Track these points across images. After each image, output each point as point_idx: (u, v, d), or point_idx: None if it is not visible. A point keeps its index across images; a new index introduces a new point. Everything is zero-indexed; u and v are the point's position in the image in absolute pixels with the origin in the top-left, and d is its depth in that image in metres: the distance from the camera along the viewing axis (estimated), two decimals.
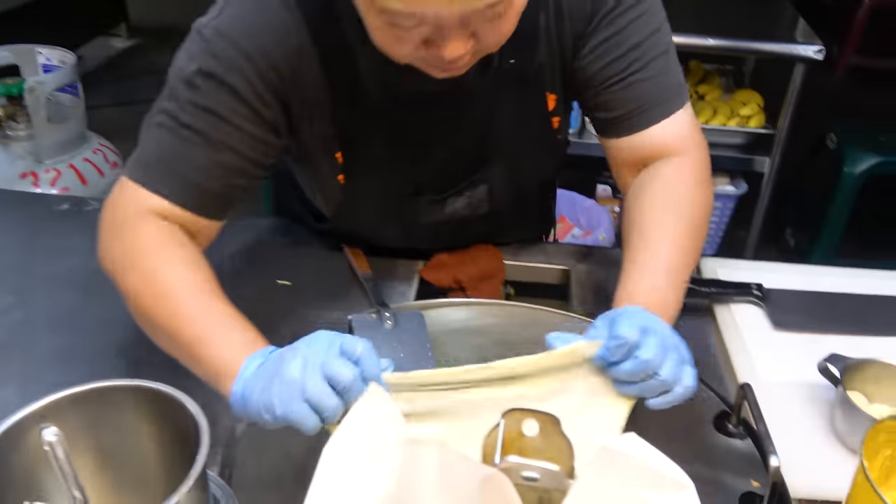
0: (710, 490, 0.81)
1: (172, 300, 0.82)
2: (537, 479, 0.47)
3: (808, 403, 0.95)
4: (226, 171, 0.89)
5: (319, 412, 0.66)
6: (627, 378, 0.75)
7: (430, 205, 1.09)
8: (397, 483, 0.48)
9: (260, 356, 0.76)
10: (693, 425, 0.90)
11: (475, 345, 1.00)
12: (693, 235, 0.92)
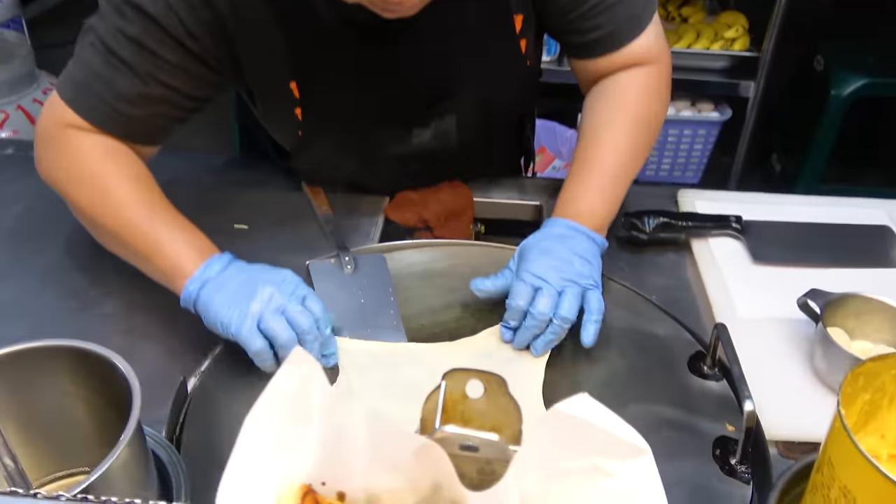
0: (683, 436, 0.78)
1: (126, 214, 0.86)
2: (477, 450, 0.43)
3: (787, 341, 0.91)
4: (152, 102, 0.88)
5: (273, 340, 0.79)
6: (534, 332, 0.85)
7: (395, 137, 1.04)
8: (324, 452, 0.44)
9: (219, 261, 0.84)
10: (667, 367, 0.86)
11: (440, 287, 0.96)
12: (637, 141, 0.98)
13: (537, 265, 0.87)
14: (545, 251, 0.88)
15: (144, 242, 0.86)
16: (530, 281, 0.86)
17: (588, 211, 0.94)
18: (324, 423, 0.44)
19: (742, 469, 0.75)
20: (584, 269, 0.88)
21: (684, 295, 1.00)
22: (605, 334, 0.90)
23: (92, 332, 0.89)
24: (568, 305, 0.84)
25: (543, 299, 0.85)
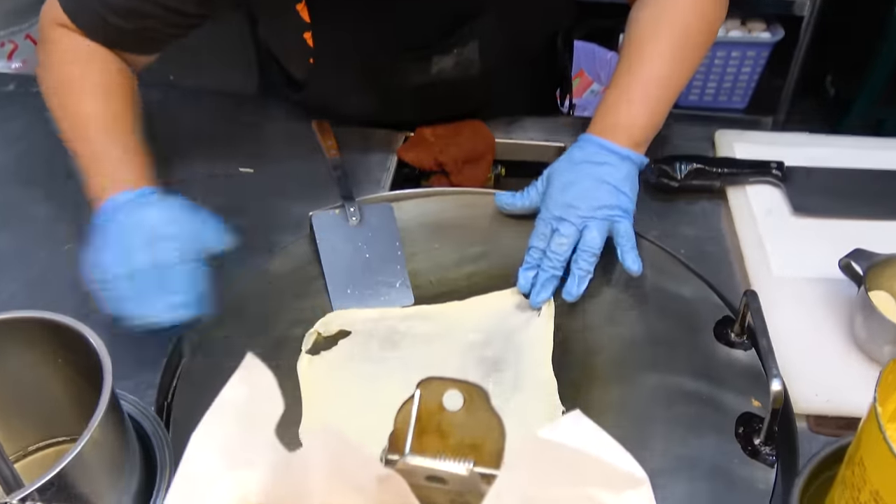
0: (705, 411, 0.73)
1: (82, 129, 0.83)
2: (446, 482, 0.38)
3: (825, 304, 0.84)
4: (142, 16, 0.85)
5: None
6: (551, 273, 0.81)
7: (413, 64, 0.97)
8: (278, 471, 0.39)
9: (125, 198, 0.77)
10: (691, 332, 0.80)
11: (451, 241, 0.90)
12: (685, 53, 0.90)
13: (559, 199, 0.83)
14: (569, 183, 0.84)
15: (84, 157, 0.82)
16: (549, 219, 0.83)
17: (626, 124, 0.87)
18: (277, 440, 0.39)
19: (766, 450, 0.69)
20: (612, 199, 0.82)
21: (716, 249, 0.92)
22: (625, 295, 0.84)
23: None
24: (589, 238, 0.81)
25: (559, 238, 0.81)
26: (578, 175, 0.84)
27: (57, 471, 0.54)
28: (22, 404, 0.67)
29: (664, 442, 0.71)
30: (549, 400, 0.74)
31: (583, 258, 0.81)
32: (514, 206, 0.90)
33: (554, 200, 0.84)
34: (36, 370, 0.66)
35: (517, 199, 0.90)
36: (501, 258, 0.88)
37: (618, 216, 0.83)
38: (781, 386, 0.66)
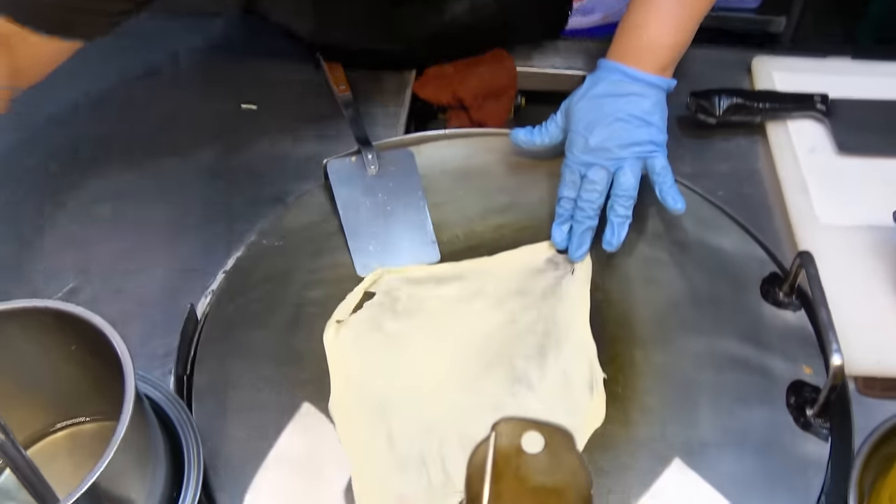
0: (753, 379, 0.69)
1: None
2: None
3: (875, 256, 0.79)
4: None
5: None
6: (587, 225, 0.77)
7: (424, 12, 0.88)
8: None
9: None
10: (736, 291, 0.75)
11: (476, 190, 0.84)
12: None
13: (584, 142, 0.77)
14: (593, 122, 0.77)
15: None
16: (576, 165, 0.77)
17: (651, 46, 0.79)
18: None
19: (820, 423, 0.66)
20: (643, 135, 0.77)
21: (754, 191, 0.87)
22: (663, 250, 0.79)
23: (88, 254, 0.80)
24: (623, 181, 0.76)
25: (590, 185, 0.76)
26: (602, 112, 0.77)
27: (88, 485, 0.50)
28: (36, 388, 0.63)
29: (711, 413, 0.68)
30: (588, 364, 0.71)
31: (619, 203, 0.76)
32: (532, 143, 0.83)
33: (578, 143, 0.78)
34: (49, 356, 0.61)
35: (535, 135, 0.83)
36: (529, 208, 0.82)
37: (651, 152, 0.77)
38: (842, 360, 0.63)
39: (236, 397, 0.69)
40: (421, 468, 0.64)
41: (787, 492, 0.63)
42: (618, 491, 0.64)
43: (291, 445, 0.65)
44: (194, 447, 0.62)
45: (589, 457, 0.65)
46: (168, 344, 0.73)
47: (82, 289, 0.78)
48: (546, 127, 0.82)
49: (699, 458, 0.65)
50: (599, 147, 0.77)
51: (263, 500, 0.59)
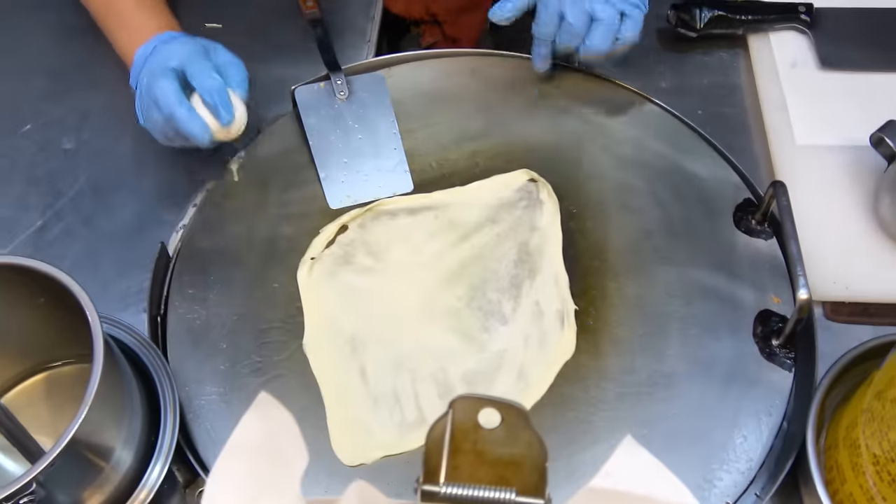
0: (723, 309, 0.70)
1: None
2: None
3: (851, 178, 0.79)
4: None
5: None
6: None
7: None
8: None
9: (154, 42, 0.73)
10: (709, 219, 0.75)
11: (450, 114, 0.82)
12: None
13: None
14: None
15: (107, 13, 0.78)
16: (553, 4, 0.74)
17: None
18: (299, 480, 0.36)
19: (784, 353, 0.68)
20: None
21: (734, 110, 0.86)
22: (638, 176, 0.78)
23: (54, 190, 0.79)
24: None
25: (573, 9, 0.73)
26: None
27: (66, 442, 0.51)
28: (7, 340, 0.64)
29: (680, 344, 0.69)
30: (560, 296, 0.71)
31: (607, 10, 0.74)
32: (509, 15, 0.77)
33: None
34: (17, 309, 0.61)
35: (511, 4, 0.77)
36: (504, 133, 0.81)
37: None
38: (808, 294, 0.63)
39: (211, 338, 0.69)
40: (394, 405, 0.66)
41: (751, 420, 0.65)
42: (586, 421, 0.66)
43: (267, 385, 0.67)
44: (170, 392, 0.63)
45: (558, 388, 0.67)
46: (140, 283, 0.73)
47: (51, 226, 0.77)
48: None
49: (666, 389, 0.67)
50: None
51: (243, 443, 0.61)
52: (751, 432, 0.65)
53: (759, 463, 0.64)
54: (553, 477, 0.38)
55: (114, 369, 0.57)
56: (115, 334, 0.65)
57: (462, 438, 0.39)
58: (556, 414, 0.66)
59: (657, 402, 0.66)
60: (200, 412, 0.66)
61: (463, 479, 0.38)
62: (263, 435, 0.36)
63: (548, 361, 0.68)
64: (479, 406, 0.38)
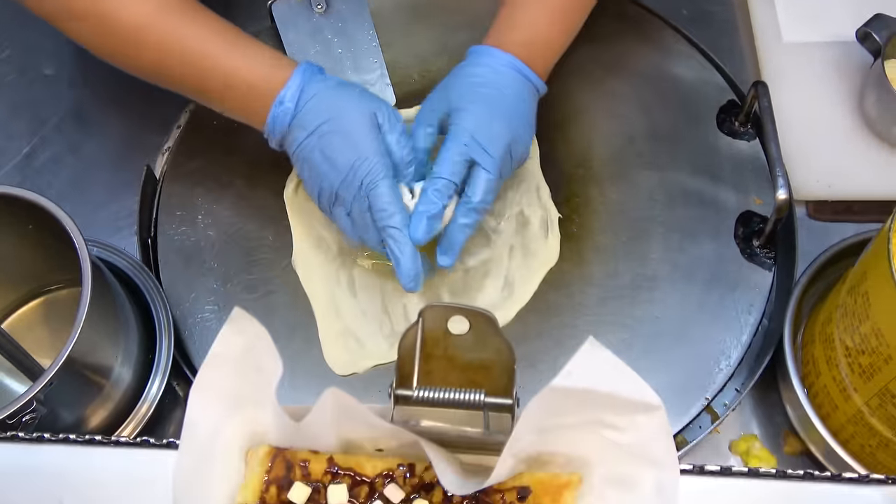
0: (706, 212, 0.71)
1: (151, 42, 0.63)
2: None
3: (837, 75, 0.78)
4: None
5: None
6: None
7: None
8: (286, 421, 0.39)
9: (310, 69, 0.64)
10: (693, 122, 0.75)
11: (429, 26, 0.81)
12: None
13: (480, 123, 0.62)
14: (487, 102, 0.63)
15: (202, 71, 0.64)
16: (467, 149, 0.62)
17: (539, 40, 0.67)
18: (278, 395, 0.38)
19: (765, 253, 0.69)
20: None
21: (719, 9, 0.84)
22: (623, 81, 0.77)
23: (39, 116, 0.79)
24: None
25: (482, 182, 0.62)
26: (492, 98, 0.65)
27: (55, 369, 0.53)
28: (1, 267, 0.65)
29: (662, 248, 0.70)
30: (543, 205, 0.72)
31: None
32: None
33: (470, 121, 0.63)
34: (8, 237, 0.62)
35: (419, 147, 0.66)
36: None
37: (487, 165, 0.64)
38: (787, 195, 0.64)
39: (201, 258, 0.71)
40: (384, 317, 0.68)
41: (731, 318, 0.67)
42: (570, 326, 0.67)
43: (260, 301, 0.69)
44: (163, 311, 0.65)
45: (543, 295, 0.69)
46: (129, 206, 0.74)
47: (37, 153, 0.78)
48: (417, 133, 0.66)
49: (649, 292, 0.68)
50: (497, 138, 0.63)
51: None
52: (731, 330, 0.66)
53: (738, 359, 0.66)
54: (539, 378, 0.40)
55: (105, 291, 0.59)
56: (105, 258, 0.66)
57: (433, 345, 0.40)
58: (541, 320, 0.68)
59: (639, 304, 0.68)
60: (195, 330, 0.68)
61: (435, 383, 0.39)
62: (240, 347, 0.38)
63: (532, 269, 0.69)
64: (448, 314, 0.39)
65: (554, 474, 0.40)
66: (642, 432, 0.38)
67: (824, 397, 0.62)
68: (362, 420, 0.37)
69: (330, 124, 0.61)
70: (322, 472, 0.40)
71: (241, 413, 0.40)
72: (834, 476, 0.44)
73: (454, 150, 0.62)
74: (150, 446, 0.44)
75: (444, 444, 0.38)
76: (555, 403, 0.37)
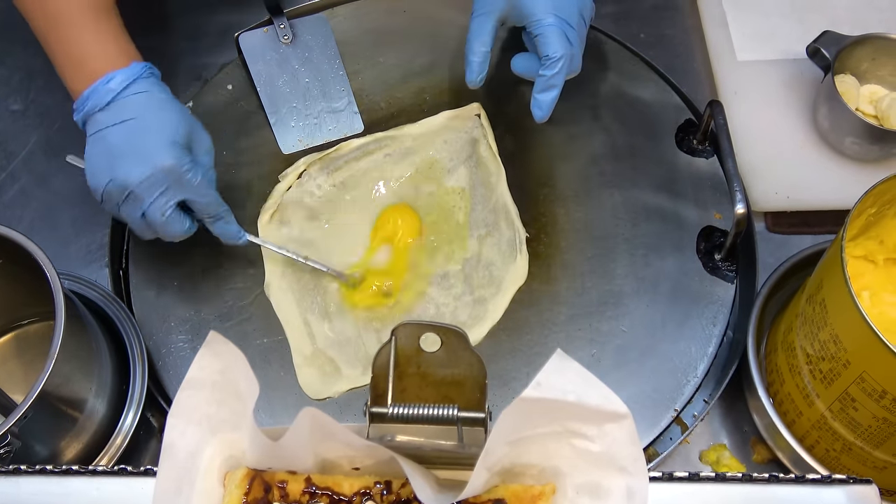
0: (668, 227, 0.73)
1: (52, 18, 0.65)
2: None
3: (790, 89, 0.81)
4: None
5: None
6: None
7: None
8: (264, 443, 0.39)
9: (153, 72, 0.65)
10: (653, 140, 0.77)
11: (395, 54, 0.82)
12: None
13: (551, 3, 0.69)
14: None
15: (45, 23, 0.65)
16: (558, 23, 0.69)
17: None
18: (255, 419, 0.39)
19: (726, 266, 0.71)
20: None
21: (676, 32, 0.87)
22: (585, 103, 0.80)
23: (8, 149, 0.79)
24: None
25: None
26: None
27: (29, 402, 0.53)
28: None
29: (627, 264, 0.72)
30: (511, 224, 0.73)
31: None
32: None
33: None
34: None
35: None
36: (450, 67, 0.81)
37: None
38: (745, 209, 0.66)
39: (174, 288, 0.71)
40: (357, 341, 0.69)
41: (696, 331, 0.69)
42: (541, 343, 0.69)
43: (234, 329, 0.69)
44: (136, 342, 0.65)
45: (514, 313, 0.70)
46: (100, 239, 0.74)
47: (6, 187, 0.78)
48: (482, 27, 0.71)
49: (615, 308, 0.70)
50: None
51: None
52: (696, 343, 0.68)
53: (704, 371, 0.67)
54: (512, 396, 0.40)
55: (78, 323, 0.59)
56: (77, 290, 0.66)
57: (406, 363, 0.41)
58: (512, 338, 0.69)
59: (607, 320, 0.69)
60: (169, 360, 0.68)
61: (409, 400, 0.40)
62: (216, 370, 0.38)
63: (502, 288, 0.71)
64: (420, 331, 0.40)
65: (528, 486, 0.41)
66: (612, 441, 0.39)
67: (789, 404, 0.63)
68: (339, 438, 0.38)
69: (139, 122, 0.62)
70: (300, 492, 0.40)
71: (218, 436, 0.40)
72: (798, 478, 0.45)
73: (552, 29, 0.68)
74: (128, 474, 0.44)
75: (420, 460, 0.39)
76: (525, 414, 0.38)
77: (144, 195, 0.61)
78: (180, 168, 0.61)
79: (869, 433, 0.57)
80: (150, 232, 0.65)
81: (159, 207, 0.62)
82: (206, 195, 0.64)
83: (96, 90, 0.63)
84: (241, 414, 0.39)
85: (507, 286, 0.71)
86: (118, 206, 0.63)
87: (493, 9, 0.71)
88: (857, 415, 0.56)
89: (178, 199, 0.62)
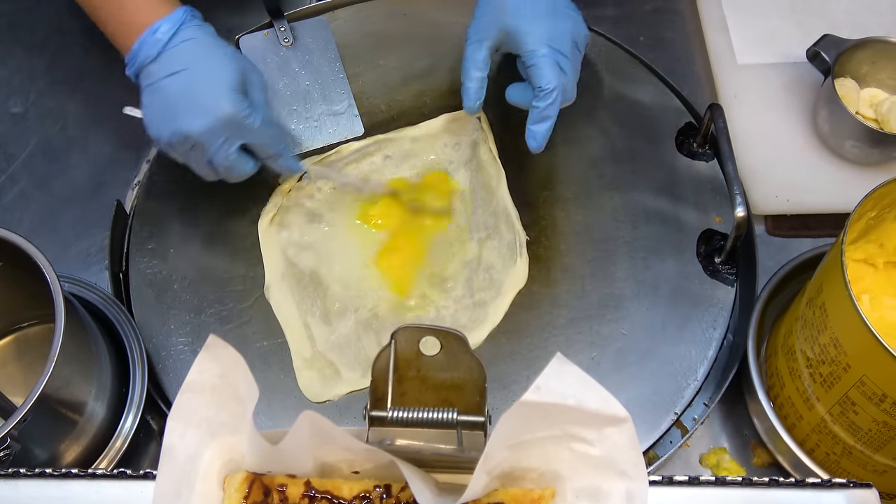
0: (668, 230, 0.73)
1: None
2: None
3: (790, 92, 0.81)
4: None
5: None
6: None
7: None
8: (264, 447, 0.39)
9: (193, 14, 0.67)
10: (653, 144, 0.77)
11: (396, 57, 0.82)
12: None
13: (542, 26, 0.69)
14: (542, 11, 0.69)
15: None
16: (551, 54, 0.68)
17: None
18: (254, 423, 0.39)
19: (726, 270, 0.71)
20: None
21: (676, 36, 0.87)
22: (585, 106, 0.79)
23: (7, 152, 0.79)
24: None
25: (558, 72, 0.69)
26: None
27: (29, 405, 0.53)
28: None
29: (628, 267, 0.72)
30: (513, 228, 0.73)
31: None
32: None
33: (534, 27, 0.70)
34: None
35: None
36: (450, 69, 0.81)
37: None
38: (745, 212, 0.66)
39: (174, 291, 0.71)
40: (356, 344, 0.69)
41: (697, 334, 0.68)
42: (541, 346, 0.69)
43: (234, 332, 0.69)
44: (136, 345, 0.65)
45: (514, 317, 0.70)
46: (100, 241, 0.74)
47: (6, 190, 0.78)
48: (475, 57, 0.71)
49: (615, 311, 0.70)
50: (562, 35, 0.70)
51: None
52: (697, 346, 0.68)
53: (705, 374, 0.67)
54: (512, 399, 0.40)
55: (78, 326, 0.59)
56: (77, 293, 0.66)
57: (406, 367, 0.41)
58: (512, 341, 0.69)
59: (607, 323, 0.69)
60: (169, 362, 0.68)
61: (409, 404, 0.40)
62: (216, 374, 0.38)
63: (502, 291, 0.71)
64: (419, 335, 0.40)
65: (527, 489, 0.41)
66: (611, 444, 0.39)
67: (789, 408, 0.63)
68: (338, 442, 0.38)
69: (192, 73, 0.64)
70: (299, 495, 0.40)
71: (218, 439, 0.40)
72: (798, 482, 0.45)
73: (545, 60, 0.67)
74: (128, 478, 0.44)
75: (420, 464, 0.39)
76: (525, 418, 0.38)
77: (207, 144, 0.64)
78: (239, 114, 0.64)
79: (869, 437, 0.57)
80: (214, 175, 0.68)
81: (224, 154, 0.65)
82: (265, 136, 0.67)
83: (144, 41, 0.64)
84: (241, 417, 0.39)
85: (508, 289, 0.71)
86: (184, 154, 0.66)
87: (486, 36, 0.70)
88: (858, 418, 0.56)
89: (240, 142, 0.65)
